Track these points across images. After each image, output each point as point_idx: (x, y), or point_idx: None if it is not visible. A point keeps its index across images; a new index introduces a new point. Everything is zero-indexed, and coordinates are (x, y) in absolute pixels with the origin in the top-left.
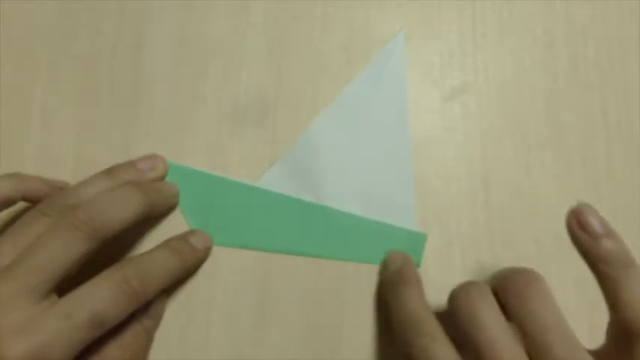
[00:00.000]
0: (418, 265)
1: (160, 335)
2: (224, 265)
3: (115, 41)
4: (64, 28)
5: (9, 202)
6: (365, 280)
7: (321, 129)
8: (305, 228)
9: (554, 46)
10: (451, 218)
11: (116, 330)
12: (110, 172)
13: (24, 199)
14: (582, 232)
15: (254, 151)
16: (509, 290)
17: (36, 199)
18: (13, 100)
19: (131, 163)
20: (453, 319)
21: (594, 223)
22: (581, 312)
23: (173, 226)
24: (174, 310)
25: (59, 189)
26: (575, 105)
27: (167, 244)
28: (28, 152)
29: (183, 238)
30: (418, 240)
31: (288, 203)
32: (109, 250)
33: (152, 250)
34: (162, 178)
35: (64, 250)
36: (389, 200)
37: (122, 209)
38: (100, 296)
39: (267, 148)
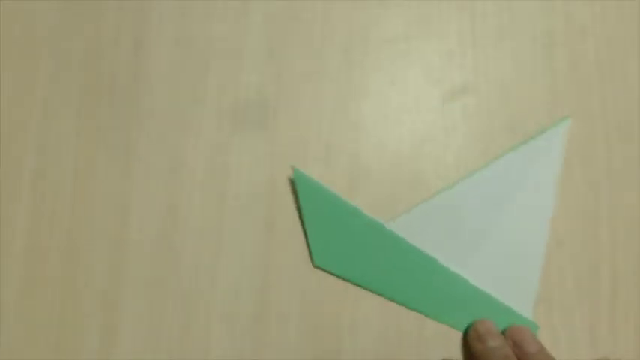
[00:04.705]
0: None
1: (160, 335)
2: (224, 265)
3: (115, 41)
4: (64, 28)
5: None
6: None
7: (466, 191)
8: (420, 281)
9: (554, 46)
10: None
11: None
12: None
13: None
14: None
15: (254, 151)
16: None
17: None
18: (13, 100)
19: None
20: None
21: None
22: (580, 311)
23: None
24: (174, 310)
25: None
26: (575, 105)
27: None
28: (28, 152)
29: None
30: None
31: (415, 255)
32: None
33: None
34: None
35: None
36: (512, 281)
37: None
38: None
39: (267, 148)
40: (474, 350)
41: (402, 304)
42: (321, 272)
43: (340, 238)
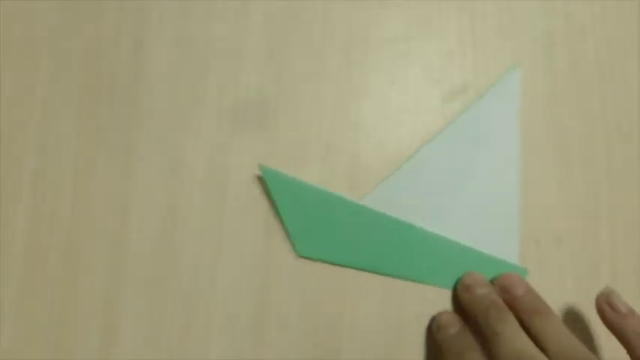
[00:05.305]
0: None
1: (160, 335)
2: (224, 265)
3: (115, 41)
4: (64, 28)
5: None
6: (365, 278)
7: (432, 153)
8: (403, 249)
9: (554, 46)
10: None
11: None
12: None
13: None
14: (611, 311)
15: (254, 151)
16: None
17: None
18: (13, 100)
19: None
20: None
21: (621, 304)
22: (580, 311)
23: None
24: (174, 310)
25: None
26: (575, 105)
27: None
28: (28, 152)
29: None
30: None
31: (393, 225)
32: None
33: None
34: None
35: None
36: (493, 231)
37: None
38: None
39: (267, 148)
40: (462, 301)
41: (390, 275)
42: (321, 272)
43: (319, 224)
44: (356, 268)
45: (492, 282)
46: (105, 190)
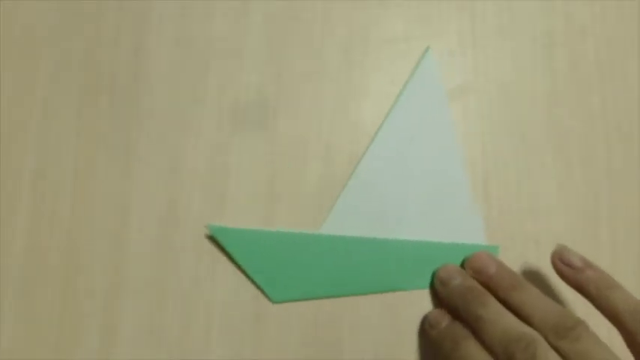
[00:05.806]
0: None
1: (159, 335)
2: (224, 265)
3: (115, 41)
4: (64, 28)
5: None
6: None
7: (372, 163)
8: (374, 265)
9: (554, 46)
10: None
11: None
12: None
13: None
14: (567, 268)
15: (254, 151)
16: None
17: None
18: (13, 100)
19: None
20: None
21: (575, 259)
22: (581, 311)
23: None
24: (174, 310)
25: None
26: (575, 105)
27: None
28: (28, 152)
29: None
30: (491, 252)
31: (357, 244)
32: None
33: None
34: None
35: None
36: (454, 219)
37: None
38: None
39: (267, 148)
40: (441, 295)
41: (371, 292)
42: None
43: (284, 267)
44: (334, 297)
45: (464, 266)
46: (105, 190)
